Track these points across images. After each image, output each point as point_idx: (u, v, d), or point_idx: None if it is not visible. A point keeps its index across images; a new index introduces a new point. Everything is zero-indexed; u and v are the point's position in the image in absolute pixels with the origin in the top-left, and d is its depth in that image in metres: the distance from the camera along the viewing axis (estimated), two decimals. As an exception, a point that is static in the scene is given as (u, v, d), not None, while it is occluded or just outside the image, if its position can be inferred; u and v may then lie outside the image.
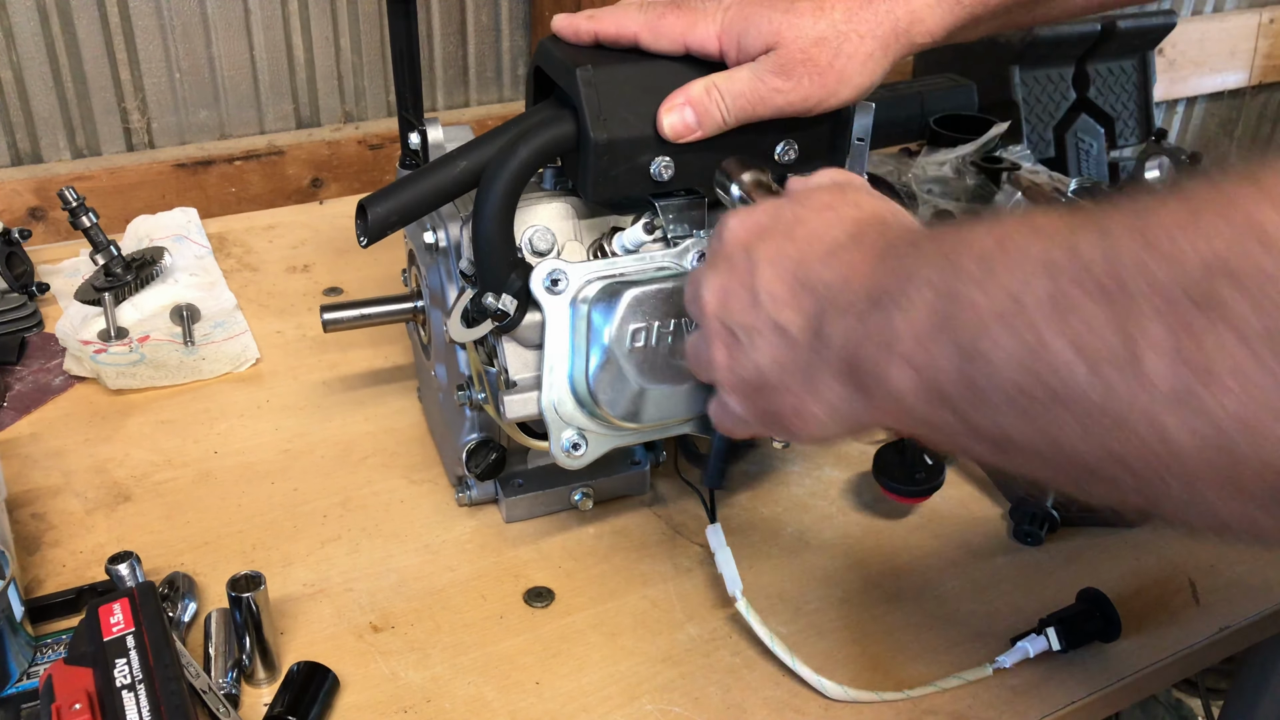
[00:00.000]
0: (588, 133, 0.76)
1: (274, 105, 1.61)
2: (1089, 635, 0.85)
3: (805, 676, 0.80)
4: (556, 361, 0.79)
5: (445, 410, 0.96)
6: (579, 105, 0.76)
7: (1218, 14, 2.57)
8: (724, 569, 0.84)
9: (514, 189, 0.77)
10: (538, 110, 0.80)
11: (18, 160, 1.48)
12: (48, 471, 0.99)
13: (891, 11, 0.76)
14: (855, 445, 1.07)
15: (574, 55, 0.79)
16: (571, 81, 0.77)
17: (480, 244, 0.78)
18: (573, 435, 0.82)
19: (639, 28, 0.78)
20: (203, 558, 0.90)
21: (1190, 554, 0.95)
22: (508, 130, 0.79)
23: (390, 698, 0.78)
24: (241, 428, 1.06)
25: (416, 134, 0.90)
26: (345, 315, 0.98)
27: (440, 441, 1.02)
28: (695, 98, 0.76)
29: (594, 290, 0.78)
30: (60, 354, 1.15)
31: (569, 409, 0.81)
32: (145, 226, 1.36)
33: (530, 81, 0.87)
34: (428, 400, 1.05)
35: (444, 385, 0.95)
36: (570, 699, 0.79)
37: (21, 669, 0.78)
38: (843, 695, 0.79)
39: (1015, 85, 2.06)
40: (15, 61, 1.42)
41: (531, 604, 0.87)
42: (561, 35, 0.82)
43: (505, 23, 1.73)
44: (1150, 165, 1.40)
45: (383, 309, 0.99)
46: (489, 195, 0.76)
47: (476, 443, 0.90)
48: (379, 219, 0.77)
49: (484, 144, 0.79)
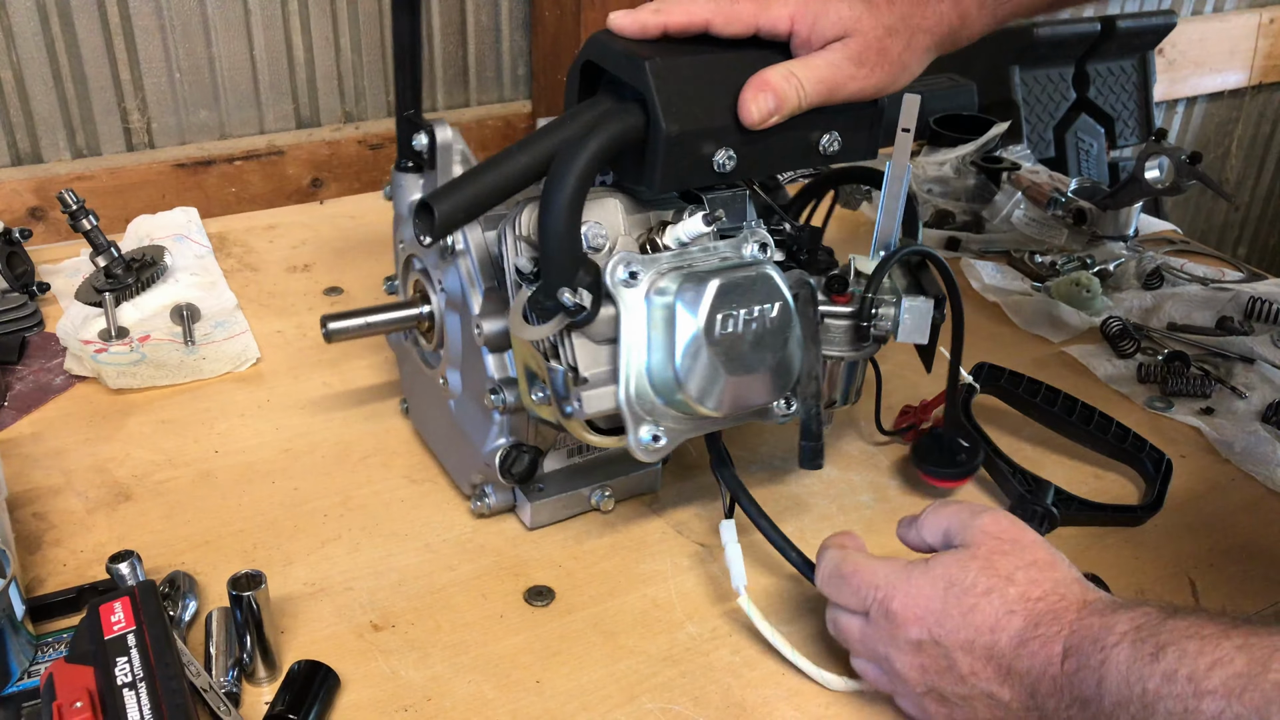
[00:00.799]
0: (660, 124, 0.76)
1: (274, 105, 1.61)
2: None
3: (805, 669, 0.81)
4: (634, 354, 0.79)
5: (460, 418, 0.94)
6: (649, 97, 0.76)
7: (1218, 14, 2.57)
8: (732, 564, 0.85)
9: (585, 182, 0.76)
10: (594, 104, 0.80)
11: (18, 160, 1.48)
12: (48, 471, 0.99)
13: (949, 11, 0.82)
14: (854, 446, 1.08)
15: (637, 48, 0.79)
16: (639, 74, 0.77)
17: (550, 239, 0.76)
18: (652, 428, 0.81)
19: (710, 14, 0.79)
20: (203, 557, 0.90)
21: (1190, 554, 0.96)
22: (565, 124, 0.78)
23: (390, 696, 0.78)
24: (242, 427, 1.06)
25: (423, 134, 0.90)
26: (350, 325, 0.95)
27: (446, 452, 1.00)
28: (775, 83, 0.78)
29: (670, 282, 0.78)
30: (61, 354, 1.15)
31: (647, 402, 0.80)
32: (145, 226, 1.36)
33: (576, 77, 0.85)
34: (425, 412, 1.03)
35: (457, 393, 0.94)
36: (570, 698, 0.79)
37: (22, 668, 0.78)
38: (842, 686, 0.80)
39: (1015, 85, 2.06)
40: (15, 61, 1.42)
41: (532, 603, 0.87)
42: (624, 32, 0.81)
43: (505, 23, 1.73)
44: (1150, 165, 1.40)
45: (388, 316, 0.96)
46: (560, 188, 0.75)
47: (509, 446, 0.89)
48: (446, 216, 0.75)
49: (544, 137, 0.78)
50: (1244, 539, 0.98)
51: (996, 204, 1.54)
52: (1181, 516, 1.00)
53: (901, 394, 1.11)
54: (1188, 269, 1.43)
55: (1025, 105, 2.08)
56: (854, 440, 1.08)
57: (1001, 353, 1.19)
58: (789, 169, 0.86)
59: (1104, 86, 2.21)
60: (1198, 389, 1.17)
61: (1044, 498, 0.96)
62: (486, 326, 0.86)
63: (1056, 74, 2.14)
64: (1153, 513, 0.99)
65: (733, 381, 0.80)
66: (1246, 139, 2.83)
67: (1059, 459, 1.07)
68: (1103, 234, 1.47)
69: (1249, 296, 1.33)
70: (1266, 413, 1.14)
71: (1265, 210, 3.01)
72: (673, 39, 0.80)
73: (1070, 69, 2.17)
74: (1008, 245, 1.47)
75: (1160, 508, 0.99)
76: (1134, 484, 1.05)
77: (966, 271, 1.40)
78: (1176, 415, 1.14)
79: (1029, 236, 1.50)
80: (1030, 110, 2.10)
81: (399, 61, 0.93)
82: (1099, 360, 1.24)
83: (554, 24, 1.69)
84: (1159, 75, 2.33)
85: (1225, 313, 1.32)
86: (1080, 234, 1.48)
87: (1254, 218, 3.02)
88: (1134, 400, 1.17)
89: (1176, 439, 1.11)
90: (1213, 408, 1.16)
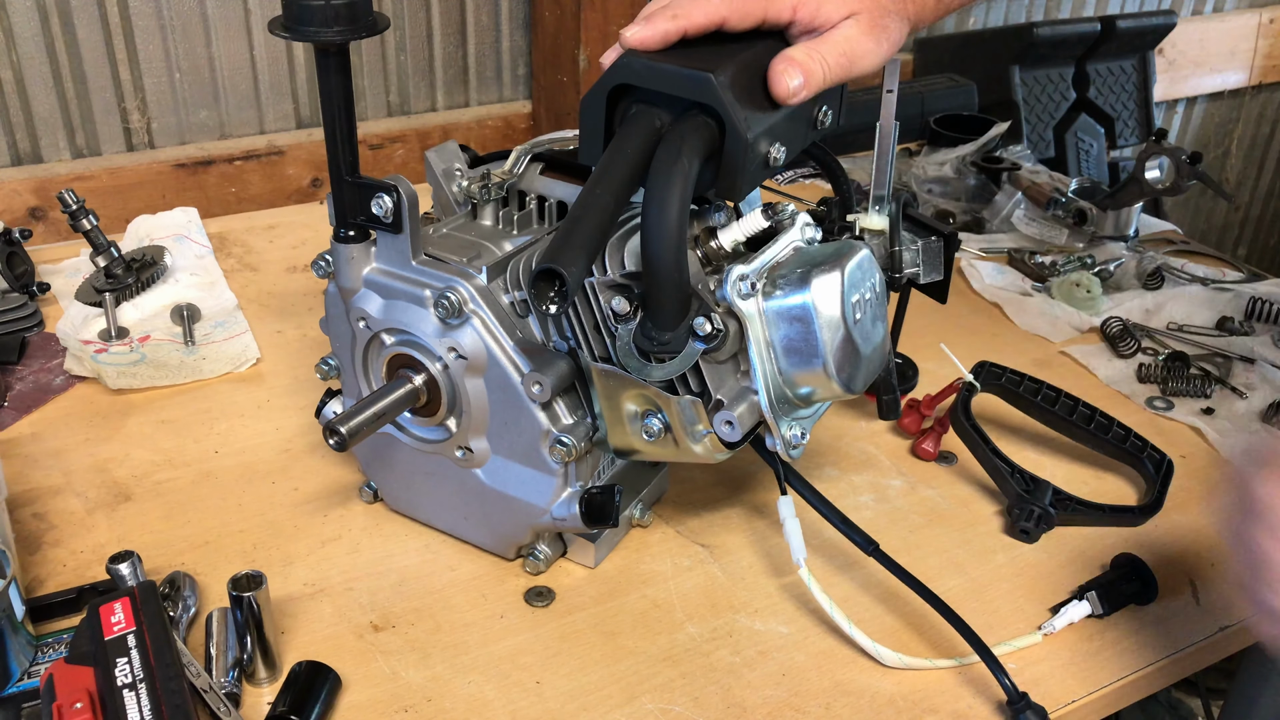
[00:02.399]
0: (740, 134, 0.76)
1: (274, 105, 1.61)
2: (1126, 598, 0.89)
3: (861, 643, 0.83)
4: (766, 362, 0.79)
5: (497, 484, 0.87)
6: (724, 111, 0.76)
7: (1218, 14, 2.57)
8: (791, 538, 0.86)
9: (688, 208, 0.74)
10: (637, 126, 0.77)
11: (18, 160, 1.48)
12: (48, 471, 0.99)
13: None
14: (854, 446, 1.08)
15: (683, 60, 0.78)
16: (706, 89, 0.76)
17: (664, 271, 0.74)
18: (790, 425, 0.81)
19: (727, 11, 0.80)
20: (203, 557, 0.90)
21: (1190, 553, 0.95)
22: (624, 153, 0.76)
23: (391, 697, 0.78)
24: (242, 427, 1.06)
25: (386, 196, 0.81)
26: (362, 421, 0.82)
27: (468, 525, 0.91)
28: (801, 61, 0.79)
29: (789, 282, 0.78)
30: (61, 354, 1.15)
31: (784, 402, 0.81)
32: (145, 226, 1.36)
33: (602, 102, 0.80)
34: (420, 492, 0.92)
35: (486, 459, 0.87)
36: (570, 698, 0.79)
37: (22, 668, 0.78)
38: (896, 661, 0.82)
39: (1015, 85, 2.06)
40: (15, 61, 1.42)
41: (532, 603, 0.87)
42: (648, 45, 0.79)
43: (505, 23, 1.73)
44: (1150, 165, 1.40)
45: (392, 400, 0.84)
46: (664, 219, 0.73)
47: (585, 493, 0.85)
48: (577, 279, 0.72)
49: (612, 170, 0.76)
50: (1244, 539, 0.98)
51: (996, 204, 1.54)
52: (1182, 516, 1.00)
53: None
54: (1188, 269, 1.43)
55: (1025, 105, 2.08)
56: (854, 441, 1.08)
57: (1001, 353, 1.19)
58: (801, 148, 0.88)
59: (1104, 86, 2.21)
60: (1198, 389, 1.17)
61: (1042, 498, 0.96)
62: (549, 380, 0.80)
63: (1056, 74, 2.14)
64: (1152, 514, 0.99)
65: (866, 359, 0.81)
66: (1246, 139, 2.83)
67: (1059, 459, 1.07)
68: (1103, 234, 1.47)
69: (1249, 296, 1.33)
70: (1267, 413, 1.14)
71: (1265, 210, 3.01)
72: (690, 41, 0.80)
73: (1070, 69, 2.16)
74: (1008, 245, 1.47)
75: (1160, 509, 0.99)
76: (1134, 484, 1.05)
77: (966, 271, 1.40)
78: (1176, 415, 1.14)
79: (1029, 236, 1.50)
80: (1030, 110, 2.10)
81: (333, 124, 0.81)
82: (1099, 360, 1.24)
83: (554, 24, 1.69)
84: (1159, 75, 2.33)
85: (1225, 313, 1.32)
86: (1080, 234, 1.48)
87: (1254, 218, 3.02)
88: (1134, 400, 1.17)
89: (1176, 439, 1.11)
90: (1213, 408, 1.16)
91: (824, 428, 1.08)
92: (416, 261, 0.84)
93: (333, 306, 0.89)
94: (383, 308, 0.85)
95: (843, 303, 0.77)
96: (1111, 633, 0.88)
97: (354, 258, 0.85)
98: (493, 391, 0.84)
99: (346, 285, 0.86)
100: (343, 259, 0.85)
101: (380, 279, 0.85)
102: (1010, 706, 0.78)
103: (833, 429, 1.09)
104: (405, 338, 0.85)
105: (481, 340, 0.82)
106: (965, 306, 1.35)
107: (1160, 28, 2.23)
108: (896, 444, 1.08)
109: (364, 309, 0.86)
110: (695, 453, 0.81)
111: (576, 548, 0.91)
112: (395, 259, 0.85)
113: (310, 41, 0.76)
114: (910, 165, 1.64)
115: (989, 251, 1.46)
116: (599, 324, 0.81)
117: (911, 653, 0.83)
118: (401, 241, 0.83)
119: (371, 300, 0.86)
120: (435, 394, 0.86)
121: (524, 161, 0.93)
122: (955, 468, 1.05)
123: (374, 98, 1.68)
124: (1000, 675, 0.79)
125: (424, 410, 0.87)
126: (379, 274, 0.85)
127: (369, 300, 0.86)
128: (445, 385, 0.85)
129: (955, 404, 1.04)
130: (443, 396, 0.85)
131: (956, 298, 1.36)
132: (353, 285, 0.86)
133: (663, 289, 0.75)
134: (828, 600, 0.84)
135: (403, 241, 0.83)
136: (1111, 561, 0.92)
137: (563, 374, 0.81)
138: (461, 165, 0.94)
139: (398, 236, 0.83)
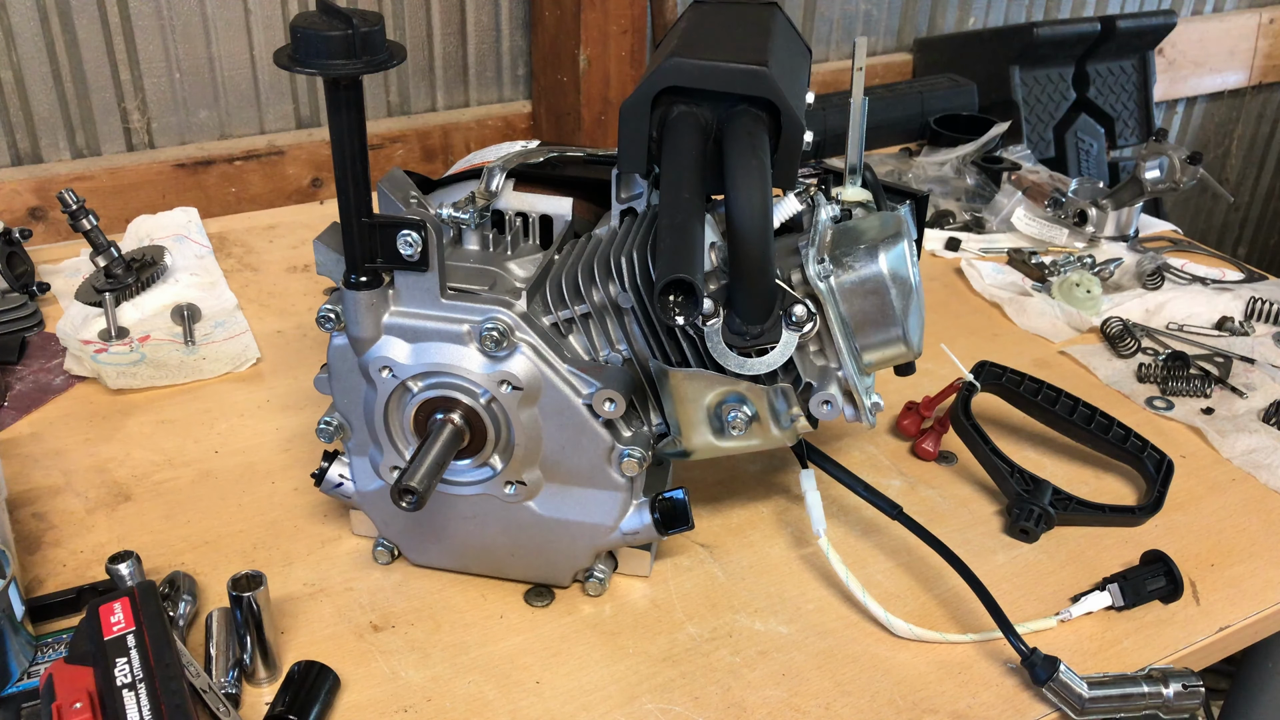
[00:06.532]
0: (799, 122, 0.78)
1: (274, 105, 1.61)
2: (1150, 594, 0.90)
3: (876, 613, 0.85)
4: (844, 338, 0.80)
5: (554, 511, 0.85)
6: (780, 101, 0.77)
7: (1218, 14, 2.57)
8: (812, 510, 0.88)
9: (770, 197, 0.76)
10: (689, 124, 0.78)
11: (18, 160, 1.48)
12: (48, 471, 0.99)
13: None
14: (855, 446, 1.08)
15: (723, 55, 0.79)
16: (762, 83, 0.77)
17: (758, 264, 0.75)
18: (872, 394, 0.83)
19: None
20: (203, 557, 0.90)
21: (1190, 554, 0.95)
22: (688, 153, 0.77)
23: (391, 697, 0.78)
24: (242, 427, 1.06)
25: (414, 233, 0.76)
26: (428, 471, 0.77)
27: (517, 563, 0.88)
28: None
29: (858, 258, 0.79)
30: (61, 354, 1.15)
31: (860, 373, 0.82)
32: (146, 226, 1.36)
33: (647, 106, 0.80)
34: (453, 540, 0.88)
35: (539, 489, 0.84)
36: (570, 698, 0.79)
37: (22, 668, 0.78)
38: (909, 633, 0.84)
39: (1015, 85, 2.06)
40: (15, 61, 1.42)
41: (532, 603, 0.87)
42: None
43: (505, 23, 1.73)
44: (1150, 165, 1.40)
45: (443, 444, 0.79)
46: (750, 214, 0.74)
47: (664, 498, 0.84)
48: (701, 287, 0.72)
49: (683, 173, 0.76)
50: (1244, 539, 0.98)
51: (996, 204, 1.54)
52: (1181, 516, 1.00)
53: (900, 391, 1.11)
54: (1188, 269, 1.43)
55: (1025, 105, 2.07)
56: (854, 441, 1.08)
57: (1001, 353, 1.19)
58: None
59: (1104, 86, 2.21)
60: (1198, 389, 1.17)
61: (1042, 498, 0.96)
62: (622, 394, 0.78)
63: (1056, 74, 2.14)
64: (1152, 514, 0.99)
65: (923, 316, 0.84)
66: (1246, 139, 2.83)
67: (1059, 459, 1.07)
68: (1103, 234, 1.47)
69: (1249, 296, 1.33)
70: (1267, 413, 1.14)
71: (1265, 210, 3.01)
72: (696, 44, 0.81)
73: (1070, 69, 2.16)
74: (1008, 245, 1.47)
75: (1159, 509, 0.99)
76: (1134, 484, 1.05)
77: (966, 271, 1.40)
78: (1176, 415, 1.14)
79: (1029, 236, 1.50)
80: (1030, 110, 2.10)
81: (344, 163, 0.76)
82: (1099, 360, 1.24)
83: (554, 24, 1.69)
84: (1159, 75, 2.33)
85: (1225, 313, 1.32)
86: (1080, 234, 1.48)
87: (1254, 218, 3.02)
88: (1134, 400, 1.17)
89: (1176, 439, 1.11)
90: (1213, 408, 1.16)
91: (824, 428, 1.09)
92: (445, 299, 0.79)
93: (340, 361, 0.82)
94: (412, 352, 0.79)
95: (913, 270, 0.80)
96: (1122, 626, 0.88)
97: (373, 305, 0.78)
98: (548, 417, 0.80)
99: (363, 335, 0.79)
100: (359, 308, 0.78)
101: (405, 322, 0.79)
102: (1023, 663, 0.80)
103: (833, 429, 1.09)
104: (440, 380, 0.80)
105: (535, 366, 0.79)
106: (965, 306, 1.35)
107: (1160, 28, 2.23)
108: (896, 444, 1.08)
109: (388, 357, 0.80)
110: (778, 439, 0.83)
111: (629, 560, 0.90)
112: (421, 299, 0.79)
113: (321, 75, 0.70)
114: (911, 165, 1.64)
115: (989, 251, 1.46)
116: (669, 329, 0.80)
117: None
118: (429, 280, 0.78)
119: (396, 347, 0.79)
120: (479, 433, 0.81)
121: (499, 179, 0.90)
122: (955, 468, 1.05)
123: (374, 98, 1.68)
124: (1012, 637, 0.81)
125: (465, 452, 0.82)
126: (403, 317, 0.79)
127: (393, 347, 0.79)
128: (490, 421, 0.81)
129: (955, 404, 1.04)
130: (488, 434, 0.81)
131: (956, 298, 1.36)
132: (370, 334, 0.79)
133: (757, 283, 0.76)
134: (845, 570, 0.86)
135: (430, 279, 0.78)
136: (1141, 557, 0.93)
137: (630, 386, 0.81)
138: (417, 193, 0.83)
139: (424, 275, 0.78)
